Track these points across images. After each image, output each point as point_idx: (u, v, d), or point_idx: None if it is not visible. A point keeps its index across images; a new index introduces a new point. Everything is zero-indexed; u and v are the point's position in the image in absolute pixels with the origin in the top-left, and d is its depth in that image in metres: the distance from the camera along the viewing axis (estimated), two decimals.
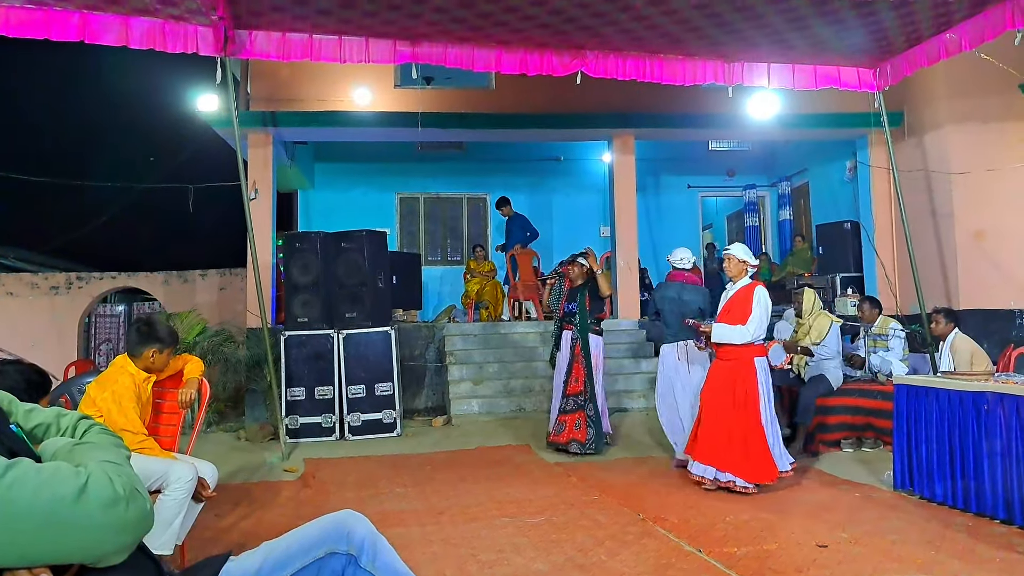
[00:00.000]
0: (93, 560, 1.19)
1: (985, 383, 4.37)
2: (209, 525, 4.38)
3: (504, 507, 4.74)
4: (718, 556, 3.66)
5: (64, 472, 1.18)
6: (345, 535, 1.67)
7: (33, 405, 1.49)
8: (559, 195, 12.58)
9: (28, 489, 1.11)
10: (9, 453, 1.20)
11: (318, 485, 5.61)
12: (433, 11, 5.81)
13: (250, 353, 8.41)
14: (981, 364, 5.90)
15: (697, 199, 13.21)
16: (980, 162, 8.59)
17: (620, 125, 9.90)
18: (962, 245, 8.63)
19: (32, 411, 1.47)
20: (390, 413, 7.58)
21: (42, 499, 1.12)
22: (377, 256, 8.01)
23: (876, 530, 4.09)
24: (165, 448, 3.67)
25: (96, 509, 1.17)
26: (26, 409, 1.47)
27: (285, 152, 10.09)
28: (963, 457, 4.42)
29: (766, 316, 5.11)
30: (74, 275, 11.69)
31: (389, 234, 11.50)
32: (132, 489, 1.23)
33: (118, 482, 1.22)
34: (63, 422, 1.47)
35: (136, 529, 1.24)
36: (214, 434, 7.89)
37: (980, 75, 8.22)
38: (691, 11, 5.88)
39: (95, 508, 1.17)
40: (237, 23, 6.01)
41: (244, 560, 1.64)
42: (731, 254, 5.28)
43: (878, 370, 6.59)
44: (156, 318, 4.07)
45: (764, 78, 7.09)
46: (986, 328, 7.97)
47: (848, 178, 10.79)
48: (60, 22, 5.57)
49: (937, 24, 6.18)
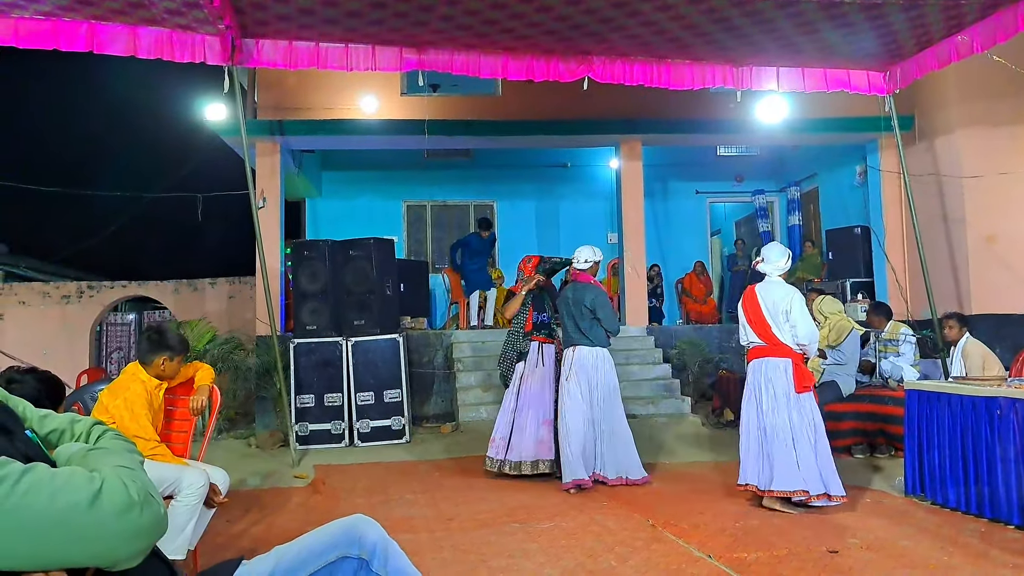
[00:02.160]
0: (108, 564, 1.20)
1: (998, 388, 4.34)
2: (220, 531, 4.39)
3: (514, 513, 4.73)
4: (728, 562, 3.63)
5: (79, 478, 1.19)
6: (357, 539, 1.67)
7: (48, 411, 1.51)
8: (566, 201, 12.57)
9: (44, 495, 1.12)
10: (25, 458, 1.20)
11: (328, 491, 5.61)
12: (439, 19, 5.83)
13: (260, 360, 8.43)
14: (993, 369, 5.86)
15: (705, 205, 13.17)
16: (992, 166, 8.53)
17: (627, 131, 9.89)
18: (974, 249, 8.57)
19: (46, 417, 1.48)
20: (399, 420, 7.59)
21: (57, 505, 1.13)
22: (385, 264, 8.03)
23: (888, 536, 4.06)
24: (177, 454, 3.69)
25: (110, 515, 1.17)
26: (41, 415, 1.48)
27: (292, 160, 10.14)
28: (976, 462, 4.38)
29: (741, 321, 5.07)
30: (85, 284, 11.77)
31: (396, 242, 11.53)
32: (146, 494, 1.24)
33: (132, 488, 1.22)
34: (77, 428, 1.48)
35: (150, 534, 1.24)
36: (225, 441, 7.91)
37: (992, 78, 8.17)
38: (699, 16, 5.87)
39: (109, 514, 1.17)
40: (244, 32, 6.05)
41: (256, 564, 1.64)
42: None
43: (889, 375, 6.55)
44: (167, 326, 4.11)
45: (773, 82, 7.07)
46: (998, 333, 7.91)
47: (858, 183, 10.74)
48: (69, 32, 5.62)
49: (948, 26, 6.15)
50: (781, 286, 4.90)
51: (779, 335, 4.76)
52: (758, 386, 4.80)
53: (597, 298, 5.57)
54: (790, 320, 4.74)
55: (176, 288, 11.56)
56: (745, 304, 4.96)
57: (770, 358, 4.77)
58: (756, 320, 4.85)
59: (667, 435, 7.41)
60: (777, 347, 4.77)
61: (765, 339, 4.82)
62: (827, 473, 4.58)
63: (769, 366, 4.76)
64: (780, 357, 4.74)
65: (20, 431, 1.36)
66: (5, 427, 1.31)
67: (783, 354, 4.75)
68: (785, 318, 4.75)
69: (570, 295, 5.72)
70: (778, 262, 4.94)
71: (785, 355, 4.74)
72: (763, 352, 4.82)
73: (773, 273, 4.94)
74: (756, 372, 4.83)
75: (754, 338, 4.88)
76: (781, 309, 4.77)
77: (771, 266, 4.95)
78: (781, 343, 4.76)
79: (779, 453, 4.59)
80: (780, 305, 4.78)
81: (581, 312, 5.55)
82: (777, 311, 4.77)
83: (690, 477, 5.83)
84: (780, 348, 4.76)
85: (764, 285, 4.93)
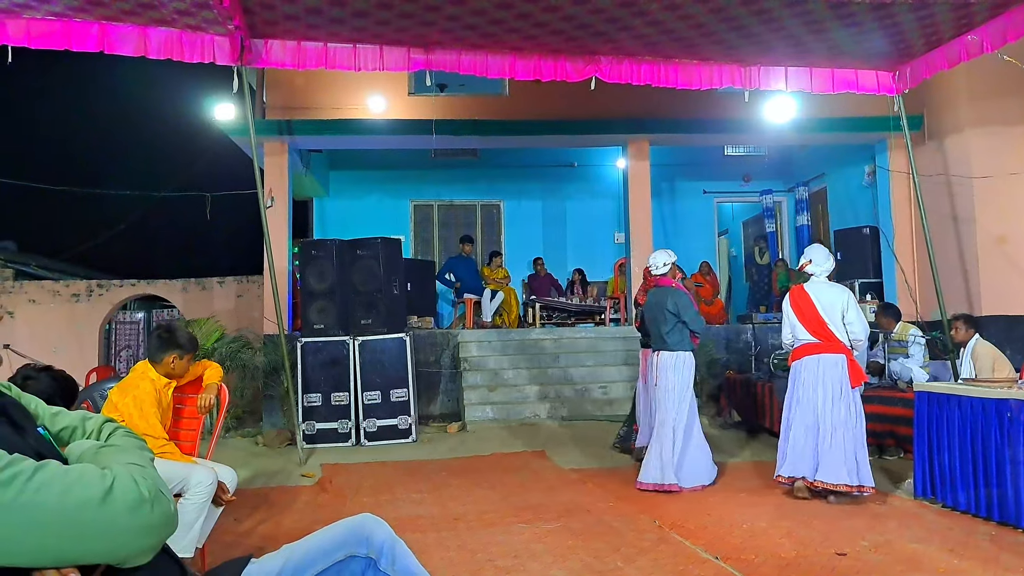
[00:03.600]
0: (119, 560, 1.21)
1: (1009, 390, 4.30)
2: (228, 529, 4.41)
3: (520, 513, 4.73)
4: (736, 563, 3.62)
5: (90, 475, 1.20)
6: (365, 538, 1.67)
7: (59, 408, 1.52)
8: (573, 201, 12.56)
9: (55, 492, 1.13)
10: (36, 455, 1.21)
11: (335, 490, 5.63)
12: (447, 19, 5.83)
13: (267, 359, 8.46)
14: (1003, 370, 5.82)
15: (713, 204, 13.14)
16: (1002, 166, 8.48)
17: (635, 131, 9.88)
18: (984, 250, 8.52)
19: (58, 414, 1.49)
20: (405, 419, 7.60)
21: (69, 502, 1.14)
22: (392, 263, 8.05)
23: (897, 538, 4.04)
24: (185, 453, 3.71)
25: (122, 512, 1.18)
26: (52, 412, 1.50)
27: (300, 160, 10.17)
28: (986, 465, 4.35)
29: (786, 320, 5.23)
30: (94, 283, 11.82)
31: (403, 241, 11.56)
32: (157, 491, 1.25)
33: (143, 484, 1.23)
34: (88, 425, 1.49)
35: (161, 531, 1.25)
36: (232, 439, 7.94)
37: (1002, 77, 8.12)
38: (707, 16, 5.85)
39: (121, 511, 1.18)
40: (253, 32, 6.07)
41: (265, 562, 1.65)
42: None
43: (898, 377, 6.51)
44: (176, 325, 4.12)
45: (781, 82, 7.04)
46: (1009, 334, 7.86)
47: (867, 183, 10.69)
48: (80, 33, 5.65)
49: (957, 26, 6.11)
50: (832, 286, 5.18)
51: (836, 332, 4.98)
52: (812, 382, 4.97)
53: (679, 301, 5.63)
54: (847, 319, 4.99)
55: (185, 287, 11.60)
56: (796, 303, 5.16)
57: (825, 354, 4.97)
58: (810, 318, 5.05)
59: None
60: (833, 344, 4.98)
61: (820, 336, 5.01)
62: (863, 464, 4.82)
63: (825, 362, 4.96)
64: (836, 353, 4.96)
65: (32, 428, 1.37)
66: (17, 423, 1.32)
67: (838, 350, 4.97)
68: (842, 317, 5.00)
69: (652, 300, 5.83)
70: (825, 263, 5.21)
71: (840, 351, 4.97)
72: (817, 349, 5.01)
73: (821, 274, 5.19)
74: (809, 369, 5.01)
75: (806, 336, 5.07)
76: (838, 309, 5.01)
77: (819, 267, 5.20)
78: (837, 340, 4.99)
79: (835, 446, 4.80)
80: (837, 304, 5.02)
81: (665, 316, 5.61)
82: (834, 310, 5.01)
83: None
84: (836, 345, 4.98)
85: (813, 285, 5.16)
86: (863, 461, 4.83)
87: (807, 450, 4.89)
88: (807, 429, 4.93)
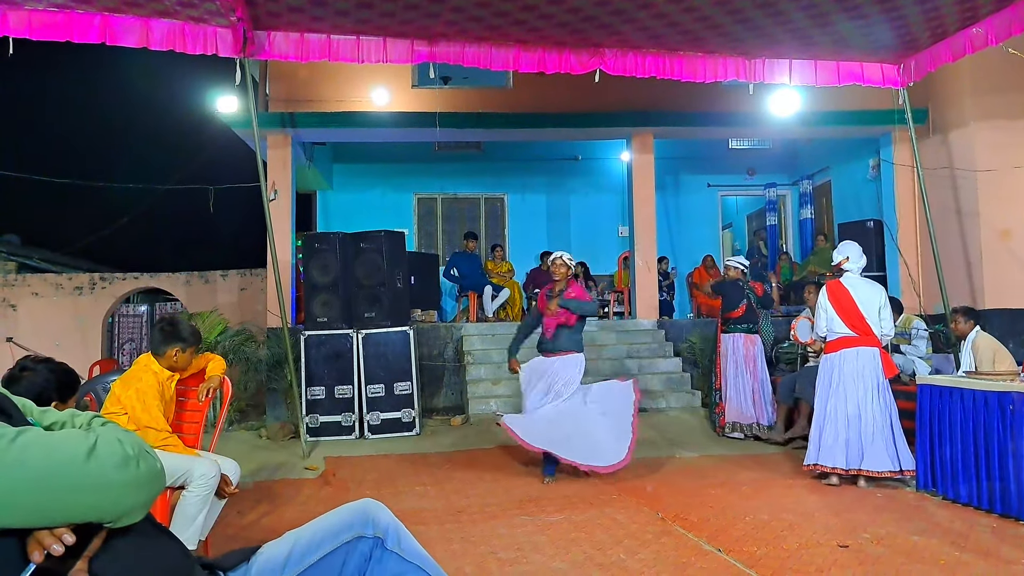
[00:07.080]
0: (112, 519, 1.23)
1: (1011, 383, 4.31)
2: (231, 522, 4.43)
3: (523, 505, 4.74)
4: (738, 555, 3.63)
5: (74, 435, 1.23)
6: (371, 520, 1.71)
7: (47, 408, 1.54)
8: (577, 195, 12.54)
9: (39, 451, 1.16)
10: None
11: (338, 483, 5.65)
12: (451, 10, 5.82)
13: (270, 352, 8.48)
14: (1004, 363, 5.82)
15: (717, 198, 13.11)
16: (1006, 159, 8.44)
17: (639, 124, 9.84)
18: (987, 244, 8.49)
19: (46, 412, 1.52)
20: (409, 412, 7.61)
21: (54, 460, 1.16)
22: (395, 256, 8.04)
23: (899, 530, 4.04)
24: (188, 445, 3.72)
25: (108, 467, 1.21)
26: (40, 410, 1.52)
27: (304, 153, 10.16)
28: (988, 457, 4.35)
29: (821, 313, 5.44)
30: (97, 276, 11.85)
31: (407, 234, 11.55)
32: (141, 448, 1.28)
33: (127, 442, 1.26)
34: (77, 420, 1.51)
35: (150, 486, 1.28)
36: (236, 433, 7.96)
37: (1007, 70, 8.07)
38: (712, 8, 5.83)
39: (107, 466, 1.21)
40: (256, 24, 6.06)
41: (272, 548, 1.68)
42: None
43: (901, 369, 6.51)
44: (179, 318, 4.12)
45: (786, 75, 7.00)
46: (1013, 327, 7.84)
47: (871, 176, 10.65)
48: (82, 24, 5.63)
49: (963, 18, 6.08)
50: (867, 282, 5.42)
51: (872, 326, 5.21)
52: (849, 374, 5.18)
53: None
54: (882, 314, 5.25)
55: (188, 280, 11.62)
56: (835, 297, 5.35)
57: (862, 347, 5.20)
58: (849, 312, 5.24)
59: (677, 429, 7.41)
60: (868, 337, 5.21)
61: (858, 330, 5.21)
62: (903, 449, 5.09)
63: (864, 355, 5.19)
64: (871, 347, 5.19)
65: (20, 417, 1.39)
66: (6, 410, 1.35)
67: (873, 344, 5.21)
68: (878, 312, 5.24)
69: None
70: (860, 260, 5.46)
71: (875, 344, 5.22)
72: (852, 342, 5.21)
73: (856, 270, 5.42)
74: (846, 361, 5.22)
75: (843, 329, 5.25)
76: (875, 304, 5.26)
77: (855, 264, 5.43)
78: (872, 333, 5.22)
79: (877, 436, 5.06)
80: (874, 300, 5.27)
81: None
82: (871, 305, 5.25)
83: (700, 471, 5.82)
84: (871, 338, 5.21)
85: (850, 280, 5.36)
86: (902, 446, 5.09)
87: (850, 440, 5.11)
88: (849, 419, 5.14)
